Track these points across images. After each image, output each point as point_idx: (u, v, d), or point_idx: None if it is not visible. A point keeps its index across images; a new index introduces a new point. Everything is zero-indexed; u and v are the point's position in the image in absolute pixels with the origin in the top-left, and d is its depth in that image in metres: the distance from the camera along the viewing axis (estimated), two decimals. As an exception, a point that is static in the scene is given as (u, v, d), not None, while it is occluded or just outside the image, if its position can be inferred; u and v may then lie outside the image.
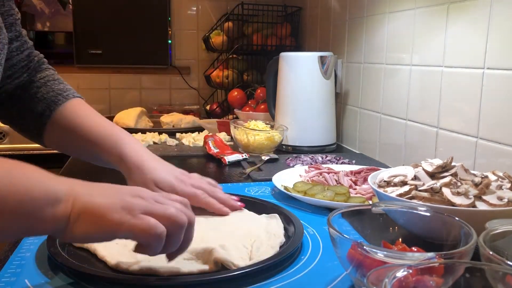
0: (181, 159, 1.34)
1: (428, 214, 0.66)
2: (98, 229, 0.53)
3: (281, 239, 0.72)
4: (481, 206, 0.70)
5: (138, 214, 0.54)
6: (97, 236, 0.55)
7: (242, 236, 0.71)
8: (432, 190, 0.74)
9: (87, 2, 2.14)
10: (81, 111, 0.86)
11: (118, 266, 0.63)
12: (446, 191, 0.73)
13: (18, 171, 0.52)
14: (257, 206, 0.86)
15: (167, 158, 1.14)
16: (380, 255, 0.53)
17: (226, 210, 0.80)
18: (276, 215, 0.80)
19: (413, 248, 0.60)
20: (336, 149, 1.52)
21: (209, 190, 0.82)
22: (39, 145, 0.92)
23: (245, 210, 0.83)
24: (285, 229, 0.77)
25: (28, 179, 0.52)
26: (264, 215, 0.82)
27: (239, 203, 0.83)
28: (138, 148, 0.83)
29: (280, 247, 0.70)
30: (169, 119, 1.87)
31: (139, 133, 1.65)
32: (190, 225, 0.59)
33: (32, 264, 0.66)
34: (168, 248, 0.57)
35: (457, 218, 0.63)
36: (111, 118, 1.97)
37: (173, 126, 1.85)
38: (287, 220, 0.79)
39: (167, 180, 0.78)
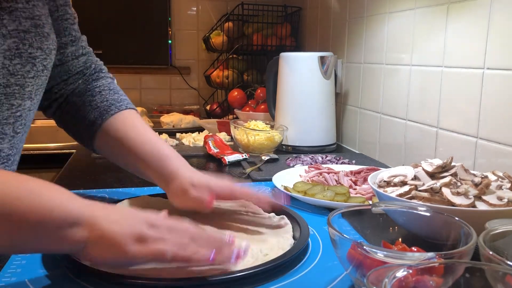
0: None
1: (428, 214, 0.66)
2: (115, 256, 0.56)
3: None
4: (481, 206, 0.71)
5: (151, 244, 0.56)
6: (114, 262, 0.57)
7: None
8: (432, 190, 0.75)
9: (87, 2, 2.14)
10: (131, 122, 0.85)
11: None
12: (446, 191, 0.73)
13: (41, 191, 0.54)
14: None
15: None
16: (380, 255, 0.53)
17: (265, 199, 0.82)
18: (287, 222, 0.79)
19: (413, 248, 0.60)
20: (336, 149, 1.52)
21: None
22: (39, 146, 0.93)
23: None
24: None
25: (50, 200, 0.54)
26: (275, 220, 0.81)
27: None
28: (182, 164, 0.81)
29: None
30: (169, 119, 1.87)
31: None
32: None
33: (32, 264, 0.65)
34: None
35: (457, 218, 0.63)
36: None
37: (173, 126, 1.85)
38: (292, 220, 0.79)
39: (204, 179, 0.78)
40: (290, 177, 1.08)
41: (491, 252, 0.53)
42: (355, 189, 1.02)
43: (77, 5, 2.13)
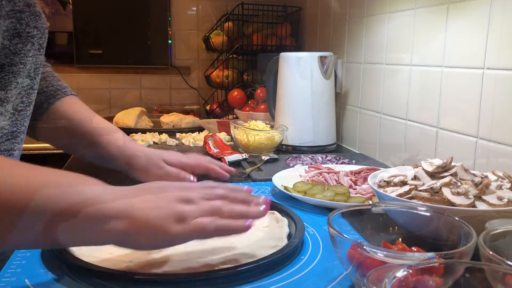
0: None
1: (428, 214, 0.66)
2: (159, 240, 0.57)
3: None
4: (481, 206, 0.70)
5: (191, 221, 0.58)
6: (160, 245, 0.59)
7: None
8: (432, 190, 0.74)
9: (87, 2, 2.14)
10: (79, 106, 0.94)
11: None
12: (446, 191, 0.73)
13: (80, 184, 0.56)
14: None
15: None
16: (380, 255, 0.53)
17: (225, 173, 1.00)
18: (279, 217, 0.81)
19: (413, 248, 0.60)
20: (336, 149, 1.52)
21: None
22: (38, 145, 0.94)
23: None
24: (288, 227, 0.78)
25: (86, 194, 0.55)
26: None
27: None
28: (138, 144, 0.94)
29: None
30: (169, 119, 1.87)
31: (139, 133, 1.65)
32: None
33: (32, 264, 0.66)
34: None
35: (457, 218, 0.63)
36: (111, 118, 1.97)
37: (173, 126, 1.85)
38: (288, 217, 0.80)
39: (174, 156, 0.88)
40: (290, 177, 1.08)
41: (491, 252, 0.53)
42: (355, 189, 1.02)
43: (77, 5, 2.13)
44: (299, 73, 1.45)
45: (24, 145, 0.79)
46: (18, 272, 0.63)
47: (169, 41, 2.27)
